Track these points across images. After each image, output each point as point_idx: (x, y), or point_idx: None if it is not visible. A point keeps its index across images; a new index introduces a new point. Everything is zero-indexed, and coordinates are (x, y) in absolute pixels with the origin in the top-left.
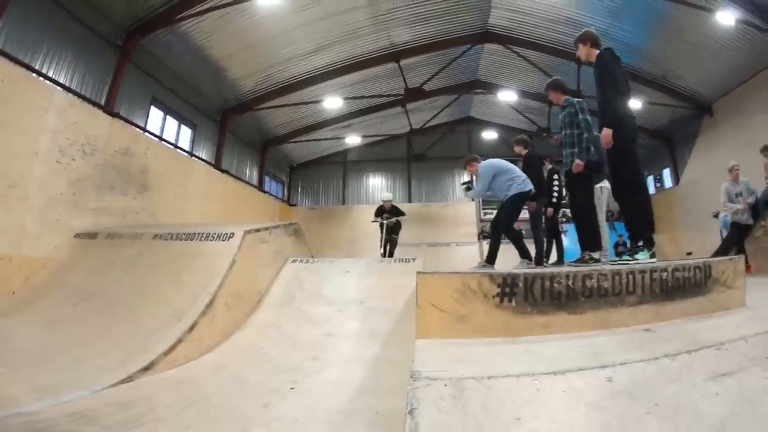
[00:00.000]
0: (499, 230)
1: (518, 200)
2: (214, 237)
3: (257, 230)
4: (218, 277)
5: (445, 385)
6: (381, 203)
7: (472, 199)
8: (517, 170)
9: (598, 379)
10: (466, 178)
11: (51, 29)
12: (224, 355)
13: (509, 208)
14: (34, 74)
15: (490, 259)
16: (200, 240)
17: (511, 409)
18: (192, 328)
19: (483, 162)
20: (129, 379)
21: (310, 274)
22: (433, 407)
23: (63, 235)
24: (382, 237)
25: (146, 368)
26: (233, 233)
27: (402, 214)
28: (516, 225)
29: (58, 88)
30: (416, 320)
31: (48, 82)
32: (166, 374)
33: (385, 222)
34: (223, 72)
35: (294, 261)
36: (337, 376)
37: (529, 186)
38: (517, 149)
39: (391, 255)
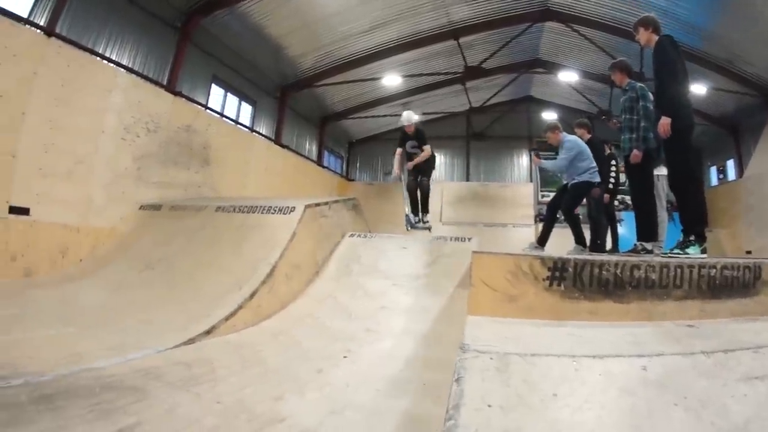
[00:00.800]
0: (554, 212)
1: (587, 189)
2: (275, 210)
3: (317, 204)
4: (279, 249)
5: (491, 359)
6: (402, 126)
7: (531, 180)
8: (592, 158)
9: (633, 366)
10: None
11: (113, 15)
12: (282, 322)
13: (576, 194)
14: (97, 58)
15: (542, 241)
16: (262, 213)
17: (550, 385)
18: (252, 295)
19: (569, 135)
20: (191, 341)
21: (367, 248)
22: (478, 377)
23: (128, 207)
24: (404, 182)
25: (208, 332)
26: (294, 207)
27: (426, 140)
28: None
29: (122, 69)
30: (468, 297)
31: (111, 64)
32: (226, 338)
33: (411, 155)
34: (282, 50)
35: (352, 235)
36: (389, 348)
37: (598, 178)
38: (579, 132)
39: (424, 209)
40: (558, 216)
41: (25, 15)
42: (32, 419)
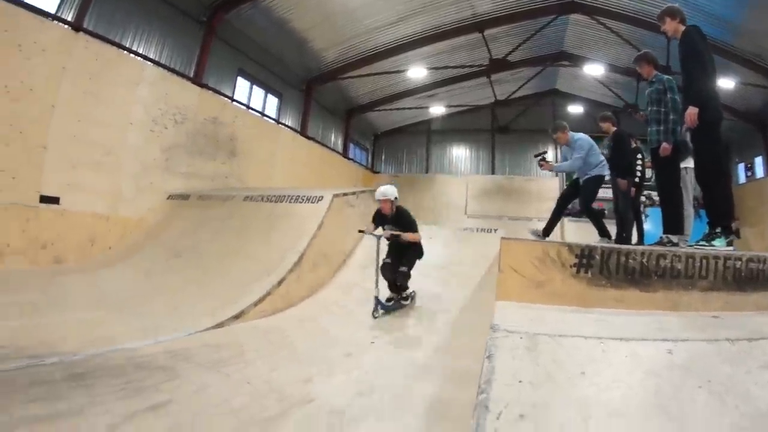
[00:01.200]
0: (564, 205)
1: (600, 182)
2: (303, 199)
3: (345, 194)
4: (306, 237)
5: (521, 338)
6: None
7: (556, 174)
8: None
9: (659, 350)
10: (548, 153)
11: (139, 10)
12: (310, 309)
13: (591, 189)
14: (124, 51)
15: (547, 231)
16: (290, 202)
17: (577, 364)
18: (280, 283)
19: (577, 134)
20: (220, 325)
21: None
22: (508, 355)
23: (156, 197)
24: (378, 259)
25: (236, 316)
26: (322, 196)
27: (414, 226)
28: (598, 204)
29: (149, 63)
30: (497, 283)
31: (138, 58)
32: (254, 323)
33: (382, 236)
34: (306, 43)
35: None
36: (416, 335)
37: (608, 170)
38: (605, 126)
39: (400, 295)
40: (569, 209)
41: (52, 11)
42: (65, 395)
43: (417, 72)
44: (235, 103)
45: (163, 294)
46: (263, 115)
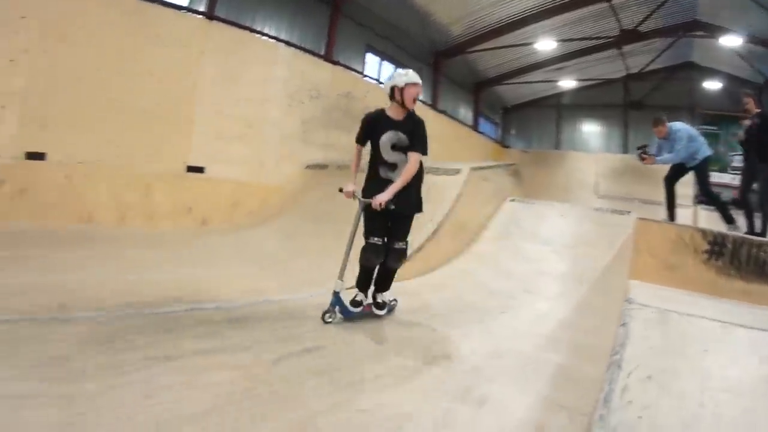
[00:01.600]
0: (672, 184)
1: (708, 163)
2: (441, 172)
3: (481, 168)
4: (445, 208)
5: (653, 312)
6: (390, 90)
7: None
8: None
9: None
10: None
11: None
12: (445, 276)
13: (703, 174)
14: (256, 34)
15: (672, 216)
16: (428, 173)
17: (701, 342)
18: (420, 249)
19: (675, 124)
20: None
21: (527, 214)
22: (641, 325)
23: (294, 166)
24: (357, 218)
25: None
26: (460, 169)
27: (424, 146)
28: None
29: (281, 44)
30: (630, 263)
31: (271, 39)
32: (393, 285)
33: (389, 166)
34: (429, 17)
35: (512, 200)
36: (545, 310)
37: (710, 149)
38: (748, 103)
39: (381, 287)
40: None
41: (185, 4)
42: (228, 335)
43: (544, 44)
44: (366, 78)
45: (303, 255)
46: None
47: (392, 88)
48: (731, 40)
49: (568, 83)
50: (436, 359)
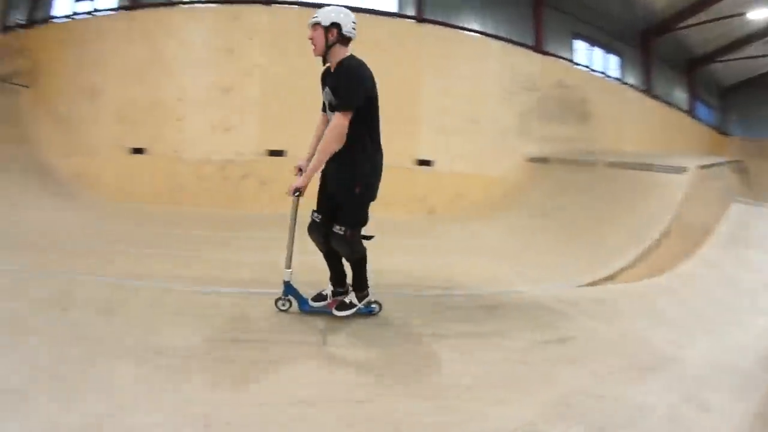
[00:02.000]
0: None
1: None
2: (667, 169)
3: (709, 166)
4: (671, 209)
5: None
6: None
7: None
8: None
9: None
10: None
11: None
12: (670, 281)
13: None
14: (465, 32)
15: None
16: (652, 171)
17: None
18: (646, 252)
19: None
20: (593, 283)
21: (757, 218)
22: None
23: (514, 159)
24: (294, 205)
25: (608, 278)
26: (686, 168)
27: (348, 98)
28: None
29: (491, 39)
30: None
31: (479, 35)
32: (623, 286)
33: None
34: None
35: (740, 202)
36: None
37: None
38: None
39: (354, 283)
40: None
41: (394, 10)
42: (482, 320)
43: (759, 13)
44: (577, 66)
45: (530, 249)
46: (606, 75)
47: None
48: None
49: None
50: (668, 360)
